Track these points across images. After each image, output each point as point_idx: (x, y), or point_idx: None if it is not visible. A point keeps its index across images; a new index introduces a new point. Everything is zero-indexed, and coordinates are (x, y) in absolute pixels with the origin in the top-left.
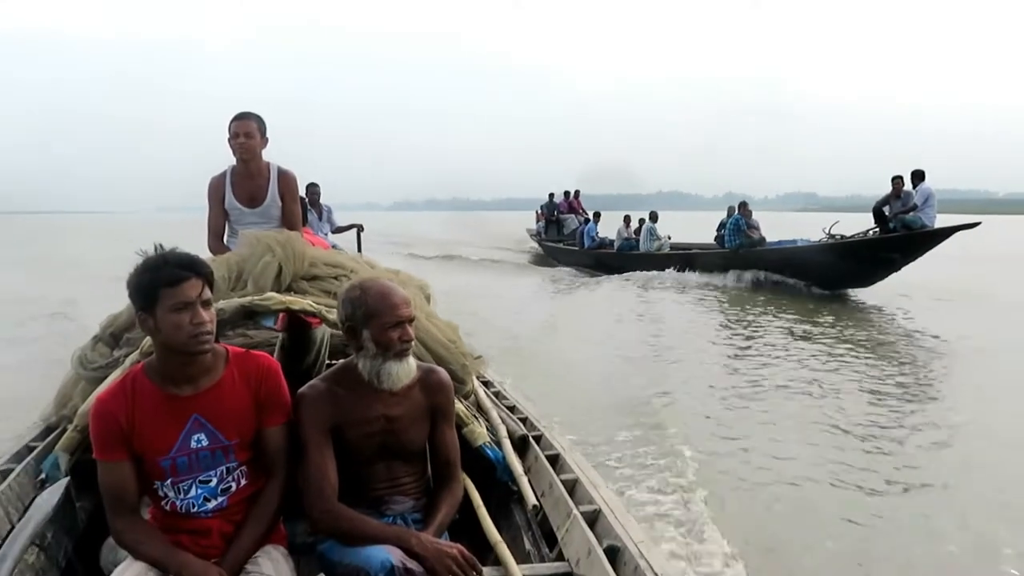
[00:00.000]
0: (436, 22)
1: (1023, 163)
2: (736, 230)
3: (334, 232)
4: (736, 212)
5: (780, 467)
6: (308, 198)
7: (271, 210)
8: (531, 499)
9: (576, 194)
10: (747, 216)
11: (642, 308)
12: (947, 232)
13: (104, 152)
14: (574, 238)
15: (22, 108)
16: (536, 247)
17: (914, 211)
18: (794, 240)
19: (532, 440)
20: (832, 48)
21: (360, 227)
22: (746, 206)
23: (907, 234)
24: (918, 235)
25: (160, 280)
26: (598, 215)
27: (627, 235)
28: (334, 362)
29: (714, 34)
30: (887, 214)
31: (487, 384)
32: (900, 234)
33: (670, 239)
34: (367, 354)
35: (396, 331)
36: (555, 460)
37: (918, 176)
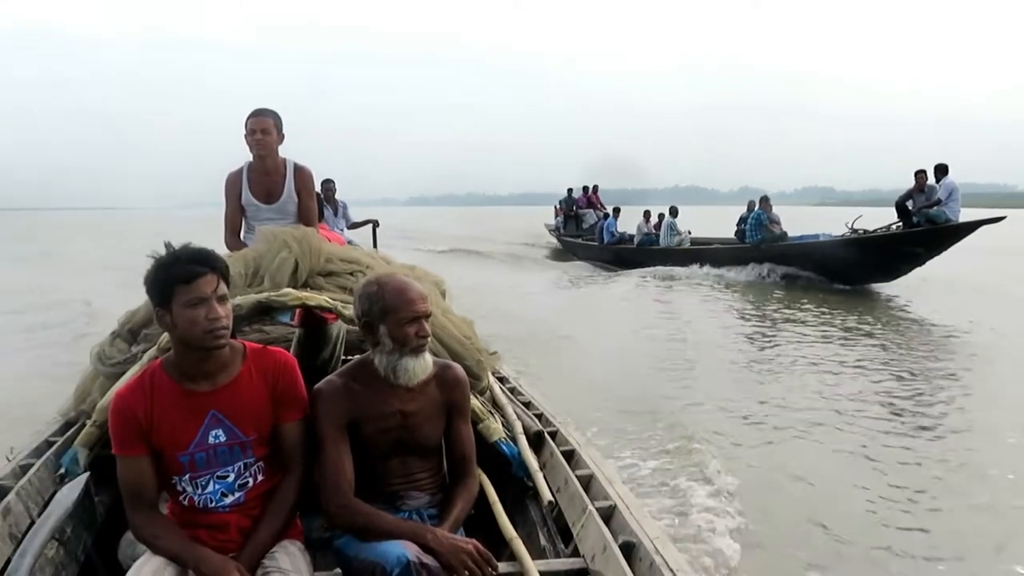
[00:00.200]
0: (451, 20)
1: None
2: (758, 225)
3: (350, 228)
4: (757, 207)
5: (810, 469)
6: (323, 194)
7: (287, 206)
8: (546, 495)
9: (595, 189)
10: (768, 211)
11: (662, 303)
12: (972, 226)
13: (124, 149)
14: (593, 233)
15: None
16: (554, 242)
17: (938, 205)
18: (816, 235)
19: (547, 436)
20: (850, 40)
21: (375, 223)
22: (767, 201)
23: (932, 228)
24: (942, 229)
25: (175, 276)
26: (617, 210)
27: (647, 230)
28: (350, 358)
29: (732, 26)
30: (910, 208)
31: (502, 380)
32: (925, 228)
33: (690, 234)
34: (383, 350)
35: (413, 327)
36: (570, 456)
37: (941, 170)
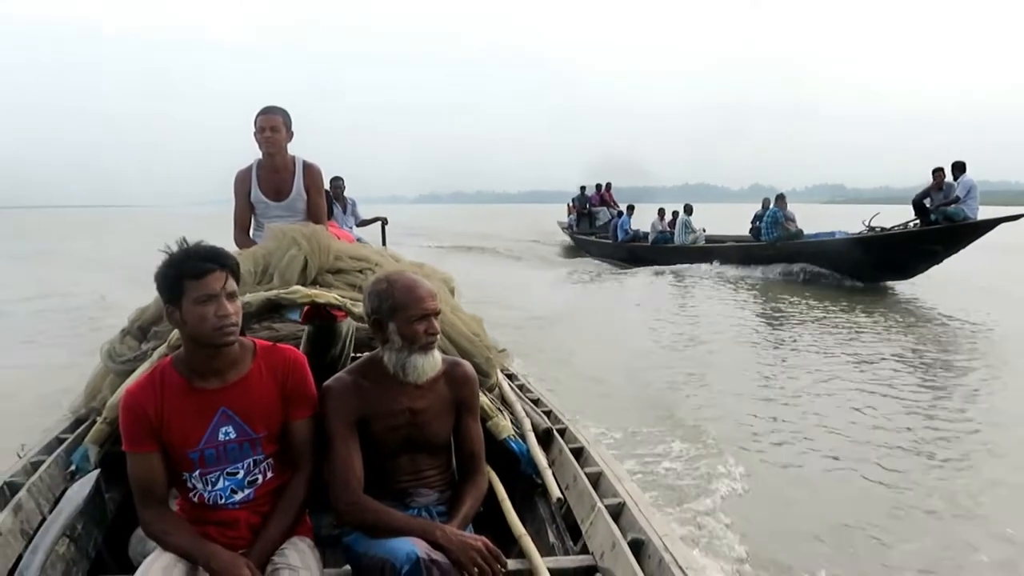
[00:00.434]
0: (458, 18)
1: None
2: (774, 223)
3: (358, 225)
4: (773, 204)
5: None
6: (332, 192)
7: (296, 203)
8: (555, 492)
9: (607, 187)
10: (784, 208)
11: (677, 301)
12: (991, 224)
13: (132, 147)
14: (606, 231)
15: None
16: (566, 240)
17: (956, 203)
18: (832, 232)
19: (556, 433)
20: (860, 38)
21: (384, 220)
22: (783, 198)
23: (950, 226)
24: (961, 227)
25: (185, 272)
26: (632, 208)
27: (662, 228)
28: (359, 355)
29: (741, 25)
30: (928, 206)
31: (511, 377)
32: (943, 226)
33: (705, 232)
34: (393, 347)
35: (422, 324)
36: (579, 453)
37: (959, 168)
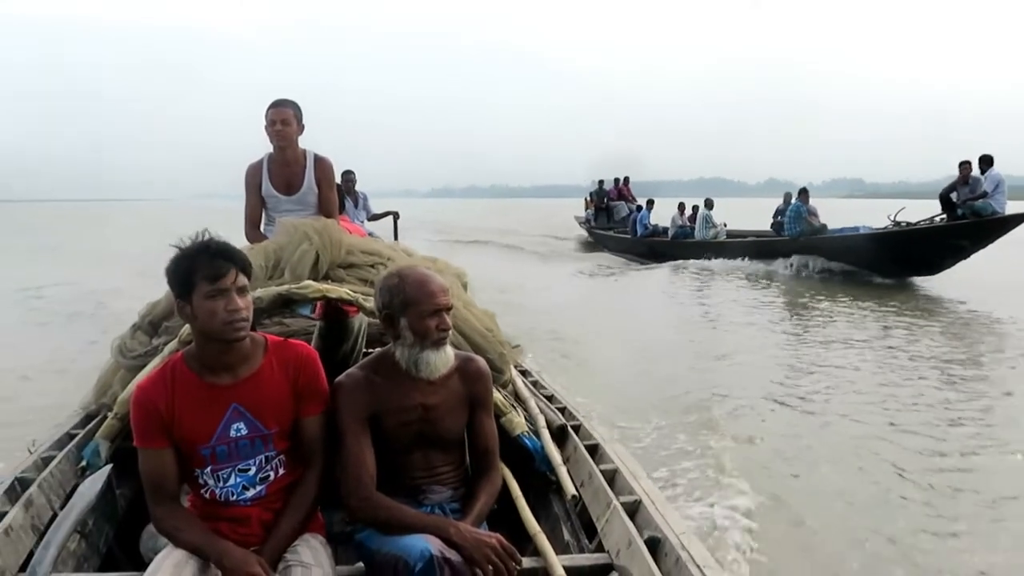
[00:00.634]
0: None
1: None
2: (797, 217)
3: (370, 219)
4: (795, 199)
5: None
6: (344, 185)
7: (308, 197)
8: (570, 489)
9: (626, 181)
10: (806, 203)
11: (698, 297)
12: (1020, 219)
13: (139, 139)
14: (624, 225)
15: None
16: (584, 234)
17: (984, 198)
18: (856, 227)
19: (571, 430)
20: (879, 29)
21: (396, 214)
22: (806, 192)
23: (977, 221)
24: (988, 222)
25: (196, 267)
26: (651, 202)
27: (682, 222)
28: (371, 351)
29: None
30: (955, 200)
31: (525, 373)
32: (970, 221)
33: (726, 226)
34: (405, 342)
35: (434, 319)
36: (594, 450)
37: (986, 161)
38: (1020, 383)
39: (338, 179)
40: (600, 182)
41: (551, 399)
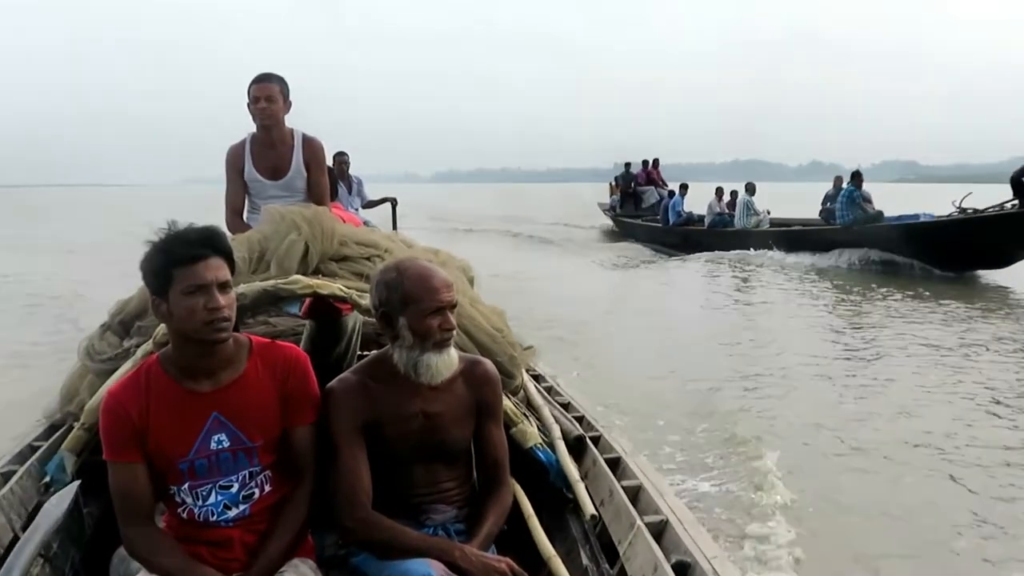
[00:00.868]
0: None
1: None
2: (850, 203)
3: (364, 207)
4: (847, 183)
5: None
6: (336, 169)
7: (296, 182)
8: (589, 508)
9: (655, 163)
10: (859, 187)
11: (738, 294)
12: None
13: (125, 121)
14: (654, 213)
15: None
16: (608, 223)
17: None
18: (916, 215)
19: (590, 442)
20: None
21: (394, 201)
22: (860, 176)
23: None
24: None
25: (173, 260)
26: (685, 187)
27: (720, 209)
28: (366, 353)
29: None
30: None
31: (538, 378)
32: None
33: (769, 213)
34: (403, 344)
35: (436, 318)
36: (616, 464)
37: None
38: None
39: (329, 162)
40: (627, 165)
41: (567, 407)
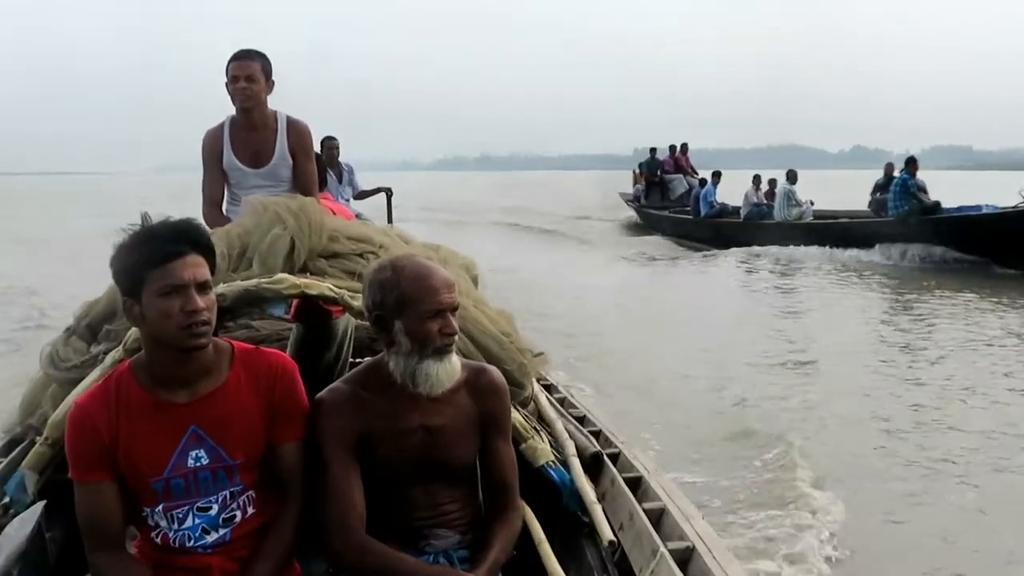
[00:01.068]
0: None
1: None
2: (904, 193)
3: (356, 198)
4: (900, 170)
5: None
6: (324, 155)
7: (280, 170)
8: (606, 533)
9: (683, 149)
10: (914, 175)
11: (779, 295)
12: None
13: (93, 107)
14: (682, 203)
15: None
16: (631, 215)
17: None
18: (978, 206)
19: (607, 459)
20: None
21: (389, 191)
22: (915, 162)
23: None
24: None
25: (146, 258)
26: (718, 175)
27: (757, 199)
28: (359, 360)
29: None
30: None
31: (550, 389)
32: None
33: (813, 204)
34: (400, 350)
35: (436, 322)
36: (636, 484)
37: None
38: None
39: (317, 148)
40: (652, 151)
41: (582, 421)
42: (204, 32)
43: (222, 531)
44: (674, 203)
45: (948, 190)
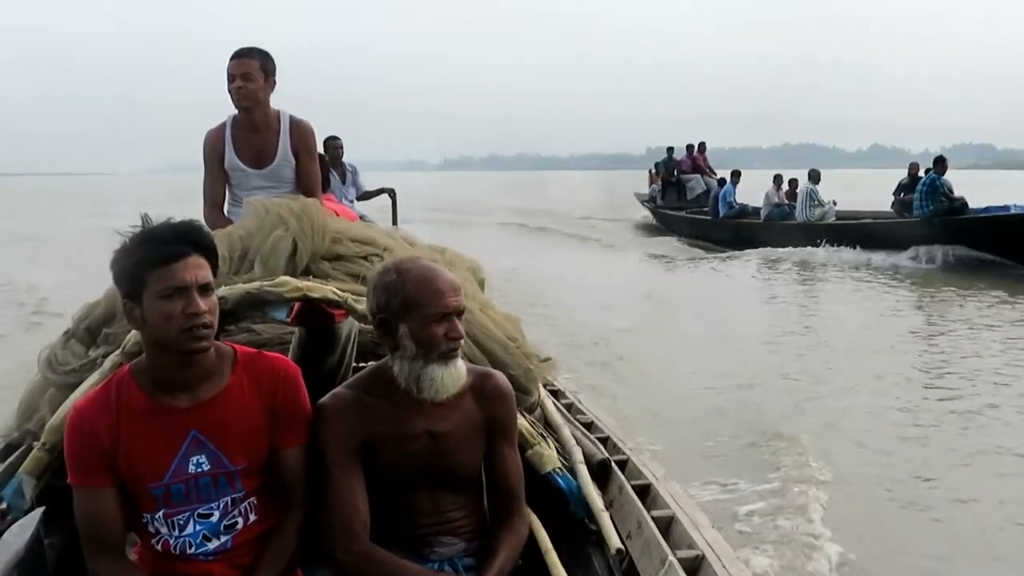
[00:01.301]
0: None
1: None
2: (932, 192)
3: (360, 199)
4: (928, 170)
5: None
6: (328, 155)
7: (282, 171)
8: (614, 541)
9: (700, 148)
10: (942, 174)
11: (802, 299)
12: None
13: (93, 107)
14: (700, 204)
15: None
16: (647, 216)
17: None
18: (1007, 206)
19: (615, 466)
20: None
21: (392, 192)
22: (943, 161)
23: None
24: None
25: (148, 259)
26: (737, 174)
27: (778, 200)
28: (363, 365)
29: None
30: None
31: (557, 395)
32: None
33: (835, 205)
34: (405, 355)
35: (442, 326)
36: (645, 492)
37: None
38: None
39: (321, 148)
40: (669, 150)
41: (590, 427)
42: (206, 31)
43: (223, 538)
44: (691, 204)
45: (972, 190)
